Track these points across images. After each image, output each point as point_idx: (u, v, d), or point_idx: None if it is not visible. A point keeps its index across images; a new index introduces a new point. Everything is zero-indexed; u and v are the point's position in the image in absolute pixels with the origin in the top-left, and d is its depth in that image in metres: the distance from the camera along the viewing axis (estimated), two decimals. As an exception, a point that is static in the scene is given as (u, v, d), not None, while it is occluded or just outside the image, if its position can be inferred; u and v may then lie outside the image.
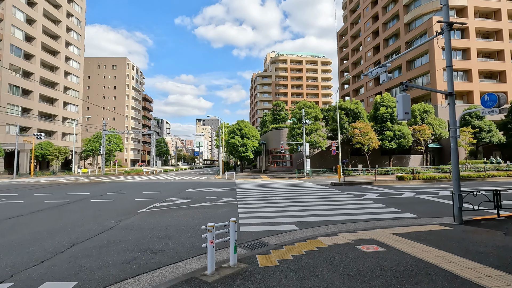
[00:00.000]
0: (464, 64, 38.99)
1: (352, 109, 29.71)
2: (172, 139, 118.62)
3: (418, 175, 18.21)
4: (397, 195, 12.63)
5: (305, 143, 26.43)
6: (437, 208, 9.53)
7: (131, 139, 75.87)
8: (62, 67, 49.60)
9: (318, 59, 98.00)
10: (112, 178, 29.54)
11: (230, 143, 36.78)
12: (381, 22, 50.31)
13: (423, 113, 30.93)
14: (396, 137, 28.85)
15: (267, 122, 49.42)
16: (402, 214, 8.46)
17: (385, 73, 11.02)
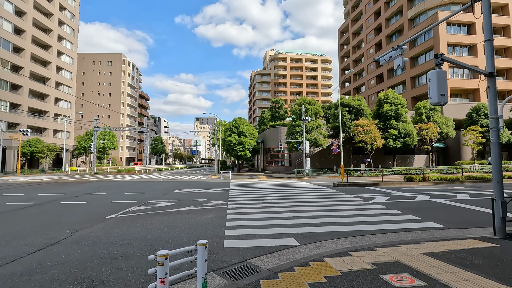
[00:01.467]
0: (470, 60, 37.55)
1: (354, 106, 28.22)
2: (169, 137, 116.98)
3: (428, 176, 16.74)
4: (410, 199, 11.14)
5: (305, 141, 24.94)
6: (463, 215, 8.04)
7: (126, 137, 74.23)
8: (54, 61, 47.92)
9: (318, 58, 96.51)
10: (101, 177, 27.97)
11: (227, 141, 35.24)
12: (383, 18, 48.84)
13: (429, 111, 29.47)
14: (401, 136, 27.39)
15: (265, 120, 47.88)
16: (424, 224, 6.96)
17: (401, 57, 9.53)
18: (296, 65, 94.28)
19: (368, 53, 54.05)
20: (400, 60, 9.39)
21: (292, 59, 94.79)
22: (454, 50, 37.95)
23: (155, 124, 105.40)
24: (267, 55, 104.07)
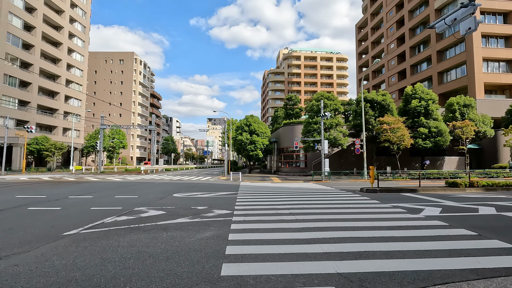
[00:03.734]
0: (508, 53, 33.93)
1: (379, 102, 25.41)
2: (181, 138, 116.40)
3: (477, 182, 13.91)
4: (471, 211, 8.52)
5: (323, 140, 22.38)
6: None
7: (137, 136, 73.54)
8: (65, 59, 47.32)
9: (333, 56, 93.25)
10: (104, 177, 26.38)
11: (237, 140, 33.06)
12: (406, 9, 45.51)
13: (463, 107, 26.28)
14: (432, 135, 24.39)
15: (278, 119, 45.39)
16: None
17: (472, 17, 7.00)
18: (310, 63, 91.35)
19: (388, 48, 50.74)
20: (470, 22, 6.86)
21: (307, 57, 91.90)
22: (488, 42, 34.37)
23: (167, 124, 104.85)
24: (281, 53, 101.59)
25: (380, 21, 54.68)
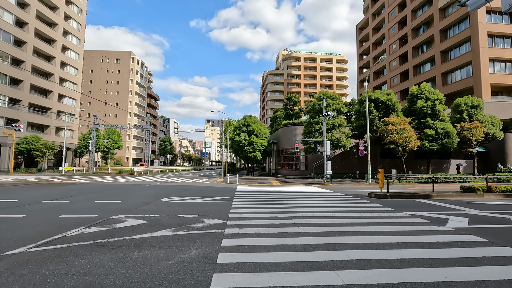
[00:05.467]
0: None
1: (383, 101, 24.23)
2: (179, 139, 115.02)
3: (496, 187, 12.72)
4: (504, 223, 7.32)
5: (325, 141, 21.16)
6: None
7: (134, 137, 72.16)
8: (59, 57, 46.01)
9: (333, 57, 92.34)
10: (93, 178, 25.07)
11: (235, 141, 31.79)
12: (409, 9, 44.55)
13: (471, 108, 25.16)
14: (439, 137, 23.24)
15: (278, 119, 44.16)
16: None
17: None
18: (310, 64, 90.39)
19: (390, 48, 49.75)
20: None
21: (306, 58, 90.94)
22: (494, 41, 33.38)
23: (164, 124, 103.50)
24: (280, 55, 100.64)
25: (381, 22, 53.74)
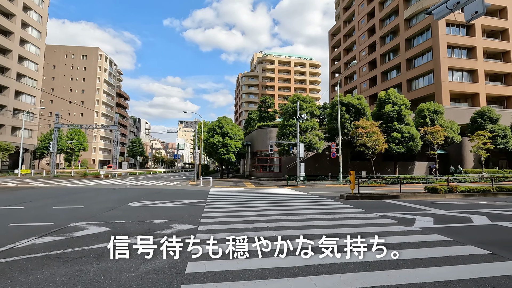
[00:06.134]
0: (470, 63, 35.70)
1: (354, 105, 25.09)
2: (150, 140, 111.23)
3: (456, 187, 13.57)
4: (464, 221, 7.74)
5: (299, 143, 21.42)
6: None
7: (101, 138, 68.52)
8: (16, 50, 42.54)
9: (306, 62, 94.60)
10: (54, 182, 23.31)
11: (209, 143, 31.23)
12: (377, 18, 46.79)
13: (433, 113, 26.81)
14: (405, 140, 24.48)
15: (252, 121, 44.15)
16: None
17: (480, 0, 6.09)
18: (284, 68, 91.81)
19: (360, 55, 51.86)
20: (478, 5, 5.96)
21: (281, 62, 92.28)
22: (453, 52, 35.99)
23: (135, 125, 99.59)
24: (255, 57, 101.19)
25: (352, 29, 55.91)
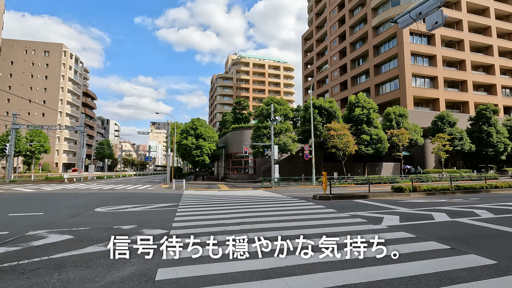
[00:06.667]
0: (431, 71, 38.27)
1: (326, 108, 25.87)
2: (120, 142, 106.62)
3: (419, 186, 14.44)
4: (427, 219, 8.23)
5: (273, 145, 21.64)
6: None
7: (65, 139, 64.50)
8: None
9: (280, 65, 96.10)
10: (10, 187, 21.52)
11: (182, 145, 30.55)
12: (348, 25, 48.72)
13: (399, 117, 28.37)
14: (373, 142, 25.64)
15: (227, 123, 43.90)
16: None
17: (439, 11, 6.51)
18: (258, 70, 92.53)
19: (332, 60, 53.64)
20: (437, 16, 6.34)
21: (255, 64, 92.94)
22: (416, 60, 38.37)
23: (103, 126, 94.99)
24: (229, 59, 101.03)
25: (324, 34, 57.69)
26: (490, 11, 42.39)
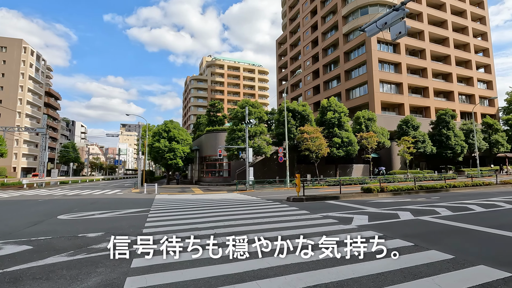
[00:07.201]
0: (397, 77, 40.51)
1: (300, 112, 26.43)
2: (86, 145, 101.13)
3: (386, 187, 15.19)
4: (393, 218, 8.67)
5: (248, 148, 21.68)
6: (476, 242, 5.60)
7: (24, 142, 59.98)
8: None
9: (255, 68, 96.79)
10: (-41, 194, 19.57)
11: (154, 148, 29.64)
12: (320, 31, 50.28)
13: (368, 121, 29.69)
14: (344, 145, 26.57)
15: (201, 126, 43.31)
16: (470, 269, 4.22)
17: (403, 22, 6.91)
18: (233, 73, 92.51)
19: (305, 64, 54.98)
20: (401, 26, 6.73)
21: (230, 67, 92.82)
22: (383, 66, 40.46)
23: (68, 128, 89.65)
24: (204, 60, 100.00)
25: (298, 39, 59.04)
26: (448, 24, 45.91)
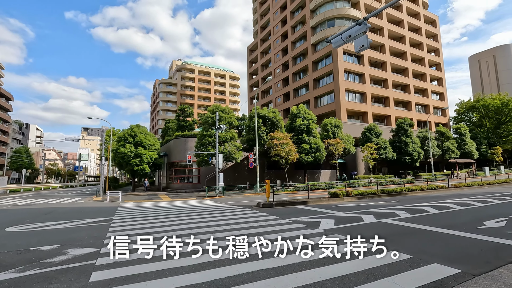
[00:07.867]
0: (361, 87, 42.77)
1: (270, 118, 26.82)
2: (42, 150, 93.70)
3: (351, 191, 15.86)
4: (358, 221, 9.06)
5: (218, 154, 21.47)
6: (431, 242, 6.08)
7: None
8: None
9: (226, 73, 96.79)
10: None
11: (119, 153, 28.22)
12: (290, 40, 51.73)
13: (334, 128, 30.92)
14: (313, 151, 27.37)
15: (170, 131, 42.11)
16: (426, 268, 4.57)
17: (365, 36, 7.35)
18: (204, 78, 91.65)
19: (275, 72, 56.08)
20: (363, 40, 7.16)
21: (201, 71, 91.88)
22: (348, 76, 42.56)
23: (21, 131, 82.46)
24: (174, 64, 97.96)
25: (268, 47, 60.17)
26: (406, 39, 49.68)
